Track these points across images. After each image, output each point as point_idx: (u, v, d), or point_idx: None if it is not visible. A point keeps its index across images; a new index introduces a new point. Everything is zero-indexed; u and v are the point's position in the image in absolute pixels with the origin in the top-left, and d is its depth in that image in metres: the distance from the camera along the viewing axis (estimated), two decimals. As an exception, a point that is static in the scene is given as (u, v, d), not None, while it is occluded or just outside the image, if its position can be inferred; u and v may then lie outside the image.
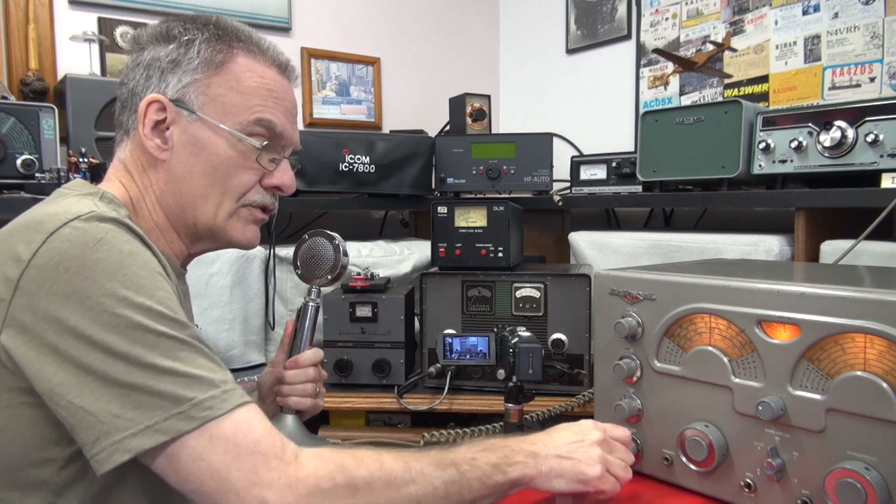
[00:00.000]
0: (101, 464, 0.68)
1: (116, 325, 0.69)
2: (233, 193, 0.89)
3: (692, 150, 1.64)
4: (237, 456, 0.70)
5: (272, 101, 0.90)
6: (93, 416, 0.68)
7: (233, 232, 0.91)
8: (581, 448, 0.86)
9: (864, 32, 1.73)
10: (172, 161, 0.87)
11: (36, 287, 0.69)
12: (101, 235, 0.73)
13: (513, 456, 0.84)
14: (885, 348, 0.72)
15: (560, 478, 0.84)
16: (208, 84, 0.86)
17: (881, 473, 0.71)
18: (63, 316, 0.69)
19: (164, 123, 0.86)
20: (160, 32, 0.88)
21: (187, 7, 2.18)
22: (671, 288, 0.91)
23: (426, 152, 2.05)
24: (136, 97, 0.87)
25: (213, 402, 0.71)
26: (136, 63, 0.88)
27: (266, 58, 0.91)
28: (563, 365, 1.46)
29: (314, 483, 0.72)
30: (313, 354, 1.10)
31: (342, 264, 1.08)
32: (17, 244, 0.72)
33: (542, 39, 2.71)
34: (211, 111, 0.86)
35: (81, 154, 1.61)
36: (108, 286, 0.70)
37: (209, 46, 0.87)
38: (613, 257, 1.75)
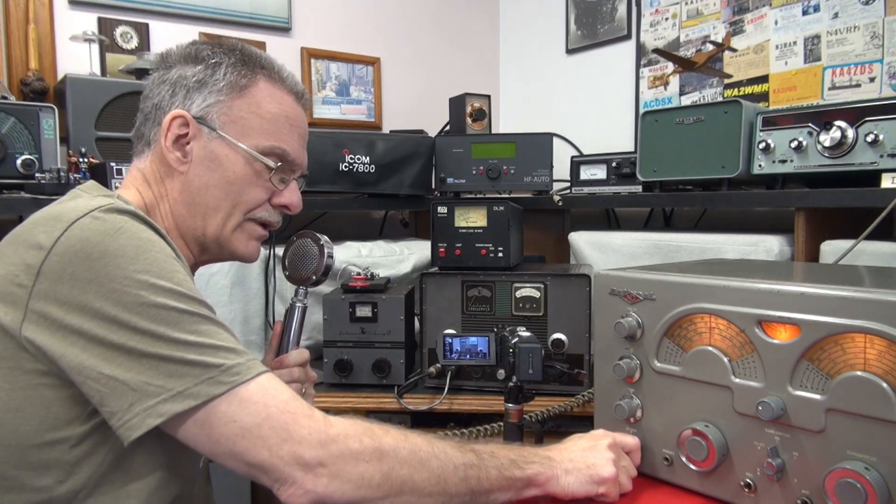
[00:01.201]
0: (132, 429, 0.72)
1: (139, 306, 0.73)
2: (242, 207, 0.95)
3: (692, 150, 1.64)
4: (268, 416, 0.74)
5: (288, 128, 0.96)
6: (125, 384, 0.72)
7: (237, 244, 0.96)
8: (593, 452, 0.88)
9: (864, 32, 1.73)
10: (190, 174, 0.92)
11: (57, 273, 0.73)
12: (121, 224, 0.77)
13: (529, 456, 0.86)
14: (885, 348, 0.72)
15: (575, 479, 0.85)
16: (231, 106, 0.92)
17: (881, 473, 0.71)
18: (86, 300, 0.72)
19: (185, 138, 0.92)
20: (189, 53, 0.94)
21: (187, 7, 2.18)
22: (671, 288, 0.91)
23: (426, 152, 2.05)
24: (160, 111, 0.93)
25: (240, 369, 0.75)
26: (162, 79, 0.94)
27: (285, 86, 0.98)
28: (563, 365, 1.46)
29: (344, 442, 0.75)
30: (298, 355, 1.11)
31: (326, 265, 1.09)
32: (38, 234, 0.75)
33: (542, 39, 2.71)
34: (231, 131, 0.92)
35: (81, 154, 1.61)
36: (129, 270, 0.74)
37: (235, 71, 0.93)
38: (613, 257, 1.75)
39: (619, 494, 0.88)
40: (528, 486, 0.84)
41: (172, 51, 0.96)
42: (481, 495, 0.81)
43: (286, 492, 0.74)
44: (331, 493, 0.74)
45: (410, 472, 0.77)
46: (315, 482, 0.74)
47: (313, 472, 0.74)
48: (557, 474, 0.85)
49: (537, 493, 0.85)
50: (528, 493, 0.84)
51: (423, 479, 0.77)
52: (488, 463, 0.82)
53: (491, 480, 0.81)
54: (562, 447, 0.90)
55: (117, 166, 1.61)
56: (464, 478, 0.79)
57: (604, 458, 0.87)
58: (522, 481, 0.83)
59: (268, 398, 0.75)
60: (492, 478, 0.81)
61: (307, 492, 0.74)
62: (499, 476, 0.81)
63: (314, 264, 1.10)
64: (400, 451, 0.78)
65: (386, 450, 0.77)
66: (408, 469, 0.77)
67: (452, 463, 0.80)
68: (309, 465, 0.74)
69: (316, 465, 0.74)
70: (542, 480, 0.84)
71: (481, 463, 0.81)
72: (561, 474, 0.85)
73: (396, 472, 0.76)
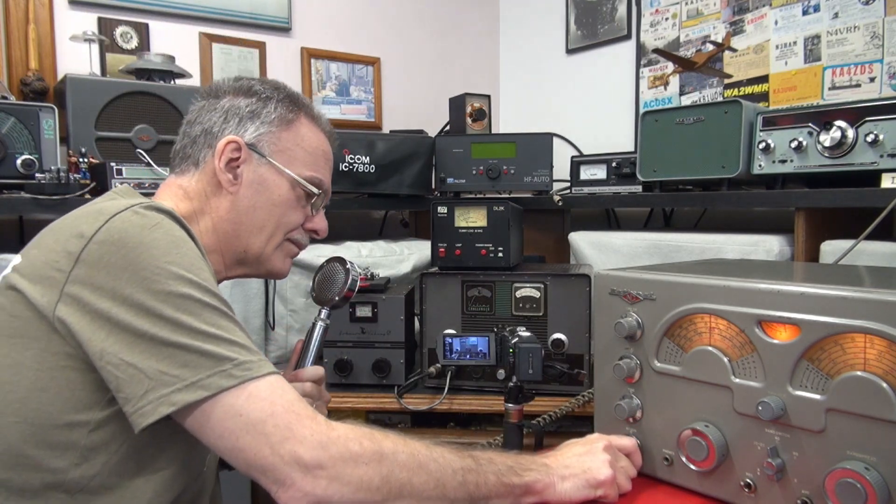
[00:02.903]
0: (144, 416, 0.74)
1: (167, 295, 0.76)
2: (284, 229, 1.04)
3: (692, 150, 1.64)
4: (273, 413, 0.75)
5: (324, 161, 1.08)
6: (142, 372, 0.75)
7: (275, 261, 1.05)
8: (589, 456, 0.89)
9: (864, 32, 1.73)
10: (239, 195, 0.99)
11: (95, 260, 0.77)
12: (158, 220, 0.82)
13: (527, 463, 0.86)
14: (885, 348, 0.72)
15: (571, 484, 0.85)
16: (279, 136, 1.01)
17: (881, 473, 0.71)
18: (118, 286, 0.76)
19: (236, 161, 0.99)
20: (240, 87, 1.03)
21: (187, 7, 2.18)
22: (671, 288, 0.91)
23: (426, 152, 2.05)
24: (211, 136, 1.00)
25: (252, 365, 0.77)
26: (212, 107, 1.02)
27: (321, 124, 1.09)
28: (563, 365, 1.46)
29: (344, 444, 0.76)
30: (314, 371, 1.13)
31: (349, 288, 1.16)
32: (81, 225, 0.81)
33: (542, 39, 2.71)
34: (279, 158, 1.01)
35: (81, 154, 1.61)
36: (161, 261, 0.78)
37: (283, 106, 1.02)
38: (613, 257, 1.75)
39: (618, 495, 0.88)
40: (526, 493, 0.84)
41: (221, 83, 1.05)
42: (479, 501, 0.81)
43: (285, 494, 0.74)
44: (329, 495, 0.74)
45: (409, 475, 0.77)
46: (314, 484, 0.74)
47: (312, 473, 0.74)
48: (554, 481, 0.85)
49: (535, 501, 0.85)
50: (526, 501, 0.84)
51: (422, 483, 0.78)
52: (486, 469, 0.82)
53: (489, 486, 0.81)
54: (558, 454, 0.91)
55: (117, 166, 1.61)
56: (462, 482, 0.79)
57: (600, 461, 0.88)
58: (520, 488, 0.83)
59: (275, 396, 0.77)
60: (490, 483, 0.81)
61: (306, 494, 0.74)
62: (497, 482, 0.82)
63: (338, 286, 1.16)
64: (399, 454, 0.78)
65: (385, 453, 0.77)
66: (407, 472, 0.77)
67: (451, 467, 0.80)
68: (308, 466, 0.74)
69: (315, 467, 0.74)
70: (539, 488, 0.84)
71: (479, 468, 0.82)
72: (557, 481, 0.85)
73: (395, 475, 0.77)
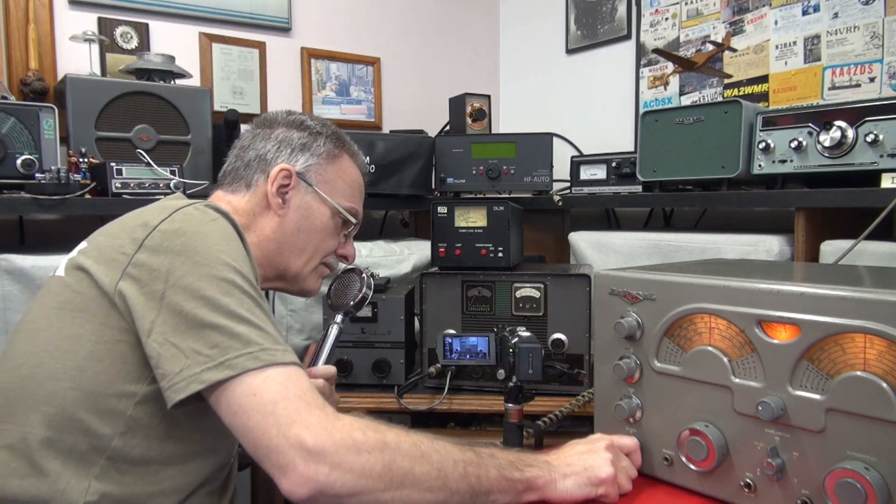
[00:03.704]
0: (177, 392, 0.79)
1: (212, 278, 0.83)
2: (321, 252, 1.14)
3: (692, 150, 1.64)
4: (285, 397, 0.78)
5: (359, 195, 1.19)
6: (180, 351, 0.81)
7: (310, 281, 1.15)
8: (591, 455, 0.89)
9: (863, 32, 1.73)
10: (286, 218, 1.09)
11: (157, 245, 0.86)
12: (216, 217, 0.91)
13: (528, 460, 0.87)
14: (885, 348, 0.72)
15: (573, 482, 0.85)
16: (325, 169, 1.12)
17: (881, 473, 0.71)
18: (173, 268, 0.84)
19: (286, 188, 1.09)
20: (294, 120, 1.14)
21: (187, 7, 2.18)
22: (671, 288, 0.91)
23: (426, 152, 2.05)
24: (265, 162, 1.10)
25: (276, 352, 0.82)
26: (266, 136, 1.12)
27: (359, 160, 1.20)
28: (563, 365, 1.46)
29: (348, 432, 0.78)
30: (326, 369, 1.17)
31: (363, 295, 1.25)
32: (147, 216, 0.90)
33: (542, 39, 2.71)
34: (324, 188, 1.12)
35: (81, 154, 1.61)
36: (213, 249, 0.86)
37: (330, 141, 1.14)
38: (613, 257, 1.75)
39: (618, 495, 0.88)
40: (527, 489, 0.84)
41: (276, 115, 1.15)
42: (481, 495, 0.81)
43: (287, 480, 0.75)
44: (332, 482, 0.75)
45: (411, 464, 0.78)
46: (316, 470, 0.75)
47: (315, 459, 0.75)
48: (555, 479, 0.85)
49: (536, 498, 0.85)
50: (527, 496, 0.84)
51: (424, 473, 0.78)
52: (488, 462, 0.83)
53: (490, 479, 0.81)
54: (559, 452, 0.91)
55: (117, 166, 1.61)
56: (464, 474, 0.80)
57: (601, 460, 0.88)
58: (522, 483, 0.83)
59: (289, 383, 0.80)
60: (491, 477, 0.81)
61: (308, 480, 0.75)
62: (498, 476, 0.82)
63: (353, 292, 1.25)
64: (402, 444, 0.79)
65: (388, 442, 0.79)
66: (409, 462, 0.78)
67: (452, 459, 0.81)
68: (311, 451, 0.75)
69: (318, 453, 0.75)
70: (540, 484, 0.84)
71: (481, 461, 0.82)
72: (559, 479, 0.85)
73: (398, 463, 0.78)
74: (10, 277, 1.42)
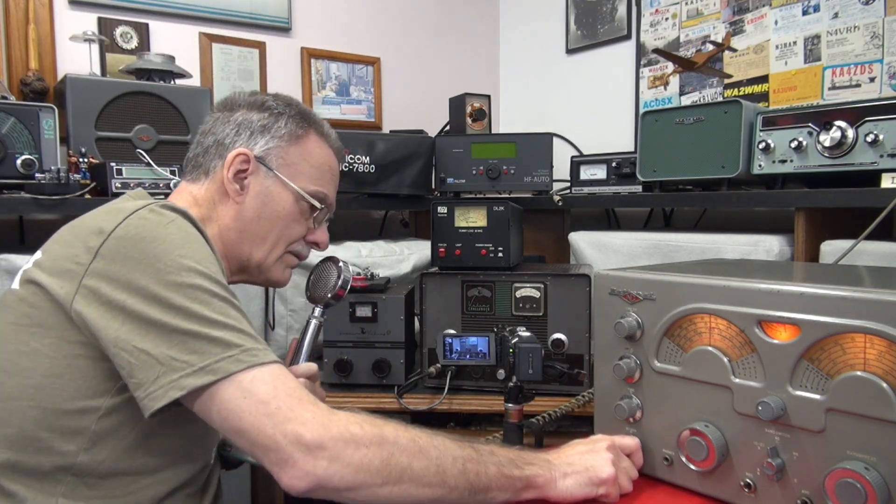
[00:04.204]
0: (155, 400, 0.77)
1: (178, 285, 0.80)
2: (285, 240, 1.07)
3: (692, 150, 1.64)
4: (276, 396, 0.78)
5: (329, 177, 1.11)
6: (154, 358, 0.78)
7: (275, 272, 1.09)
8: (592, 455, 0.89)
9: (863, 32, 1.73)
10: (244, 205, 1.03)
11: (112, 253, 0.82)
12: (174, 218, 0.87)
13: (528, 458, 0.86)
14: (885, 348, 0.72)
15: (573, 481, 0.85)
16: (287, 151, 1.05)
17: (881, 473, 0.71)
18: (133, 277, 0.80)
19: (244, 173, 1.03)
20: (254, 101, 1.07)
21: (187, 7, 2.18)
22: (671, 288, 0.91)
23: (426, 152, 2.05)
24: (223, 147, 1.04)
25: (258, 353, 0.80)
26: (226, 119, 1.06)
27: (330, 141, 1.12)
28: (563, 365, 1.46)
29: (345, 426, 0.78)
30: (307, 368, 1.14)
31: (341, 287, 1.18)
32: (100, 222, 0.85)
33: (542, 39, 2.71)
34: (285, 172, 1.05)
35: (81, 154, 1.61)
36: (174, 254, 0.82)
37: (294, 122, 1.06)
38: (613, 257, 1.75)
39: (619, 495, 0.88)
40: (527, 487, 0.84)
41: (236, 96, 1.09)
42: (480, 492, 0.81)
43: (286, 474, 0.76)
44: (330, 475, 0.75)
45: (410, 459, 0.78)
46: (315, 464, 0.75)
47: (313, 454, 0.75)
48: (555, 477, 0.85)
49: (535, 496, 0.85)
50: (526, 495, 0.84)
51: (423, 468, 0.78)
52: (487, 459, 0.82)
53: (489, 477, 0.81)
54: (560, 451, 0.91)
55: (117, 166, 1.61)
56: (462, 470, 0.80)
57: (602, 460, 0.88)
58: (521, 481, 0.83)
59: (278, 382, 0.79)
60: (490, 474, 0.81)
61: (307, 473, 0.75)
62: (497, 473, 0.82)
63: (331, 284, 1.18)
64: (400, 438, 0.80)
65: (386, 436, 0.79)
66: (407, 457, 0.78)
67: (451, 455, 0.81)
68: (310, 446, 0.75)
69: (316, 448, 0.75)
70: (540, 482, 0.84)
71: (480, 458, 0.82)
72: (559, 477, 0.85)
73: (396, 458, 0.78)
74: (10, 277, 1.42)
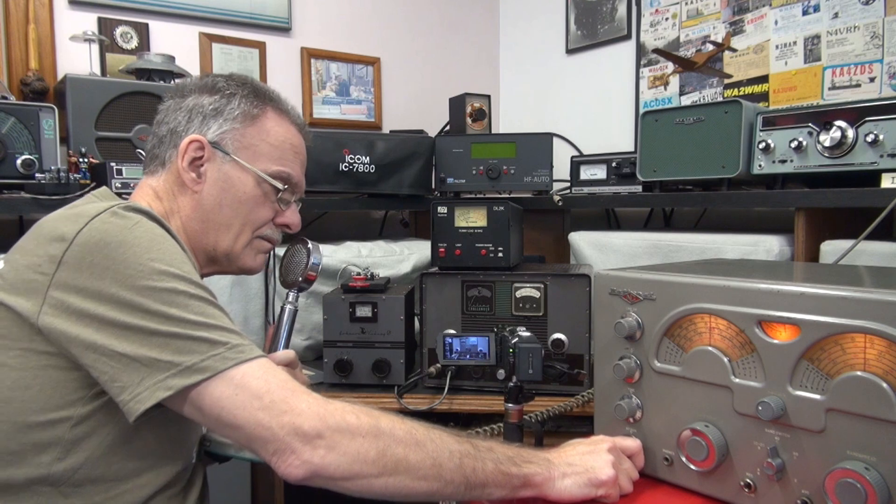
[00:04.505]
0: (142, 402, 0.76)
1: (151, 290, 0.78)
2: (251, 225, 1.03)
3: (692, 150, 1.64)
4: (269, 389, 0.78)
5: (292, 155, 1.06)
6: (137, 360, 0.77)
7: (246, 259, 1.05)
8: (593, 456, 0.89)
9: (864, 32, 1.73)
10: (203, 193, 0.99)
11: (77, 262, 0.79)
12: (138, 220, 0.84)
13: (527, 456, 0.86)
14: (885, 348, 0.72)
15: (572, 481, 0.85)
16: (244, 133, 1.01)
17: (881, 473, 0.71)
18: (102, 286, 0.78)
19: (200, 160, 0.99)
20: (205, 84, 1.03)
21: (187, 7, 2.18)
22: (671, 288, 0.91)
23: (426, 152, 2.05)
24: (176, 135, 1.00)
25: (244, 349, 0.80)
26: (177, 107, 1.02)
27: (290, 117, 1.07)
28: (563, 365, 1.46)
29: (342, 416, 0.78)
30: (284, 355, 1.13)
31: (311, 270, 1.15)
32: (61, 228, 0.81)
33: (542, 39, 2.71)
34: (243, 155, 1.01)
35: (81, 154, 1.61)
36: (143, 258, 0.80)
37: (247, 101, 1.02)
38: (613, 257, 1.75)
39: (619, 496, 0.88)
40: (525, 485, 0.84)
41: (188, 81, 1.04)
42: (476, 487, 0.81)
43: (283, 462, 0.76)
44: (326, 464, 0.76)
45: (406, 451, 0.79)
46: (312, 453, 0.76)
47: (311, 443, 0.76)
48: (554, 477, 0.85)
49: (533, 495, 0.85)
50: (524, 493, 0.84)
51: (419, 460, 0.79)
52: (485, 455, 0.82)
53: (486, 473, 0.81)
54: (561, 451, 0.90)
55: (117, 166, 1.61)
56: (459, 465, 0.80)
57: (603, 461, 0.87)
58: (519, 479, 0.83)
59: (268, 375, 0.79)
60: (487, 470, 0.81)
61: (304, 462, 0.76)
62: (495, 470, 0.82)
63: (301, 267, 1.16)
64: (396, 430, 0.80)
65: (383, 428, 0.79)
66: (403, 448, 0.79)
67: (448, 449, 0.81)
68: (307, 435, 0.76)
69: (314, 437, 0.76)
70: (538, 481, 0.84)
71: (477, 454, 0.82)
72: (558, 477, 0.85)
73: (392, 449, 0.78)
74: (10, 277, 1.42)
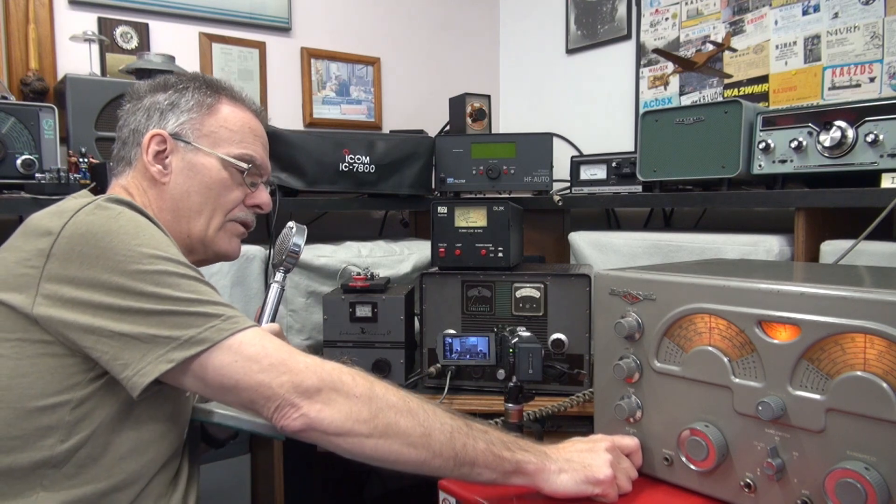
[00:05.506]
0: (145, 376, 0.80)
1: (143, 274, 0.82)
2: (223, 209, 1.06)
3: (692, 150, 1.64)
4: (266, 353, 0.82)
5: (252, 137, 1.10)
6: (136, 338, 0.80)
7: (220, 243, 1.08)
8: (591, 454, 0.89)
9: (863, 32, 1.73)
10: (171, 183, 1.03)
11: (66, 253, 0.81)
12: (121, 210, 0.87)
13: (523, 444, 0.87)
14: (885, 348, 0.72)
15: (569, 476, 0.85)
16: (202, 122, 1.05)
17: (881, 473, 0.71)
18: (93, 274, 0.81)
19: (164, 153, 1.03)
20: (158, 83, 1.07)
21: (187, 7, 2.18)
22: (671, 288, 0.91)
23: (426, 152, 2.05)
24: (138, 134, 1.04)
25: (238, 320, 0.84)
26: (135, 108, 1.06)
27: (244, 104, 1.11)
28: (563, 365, 1.46)
29: (338, 374, 0.83)
30: (269, 327, 1.14)
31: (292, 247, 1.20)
32: (47, 223, 0.84)
33: (542, 39, 2.71)
34: (205, 142, 1.05)
35: (81, 154, 1.61)
36: (131, 245, 0.83)
37: (200, 92, 1.06)
38: (613, 257, 1.75)
39: (617, 495, 0.88)
40: (516, 471, 0.84)
41: (142, 84, 1.09)
42: (465, 465, 0.82)
43: (283, 416, 0.80)
44: (322, 418, 0.80)
45: (398, 416, 0.82)
46: (309, 406, 0.80)
47: (310, 398, 0.80)
48: (550, 469, 0.85)
49: (525, 483, 0.85)
50: (516, 479, 0.85)
51: (409, 427, 0.81)
52: (477, 435, 0.84)
53: (476, 451, 0.82)
54: (560, 447, 0.91)
55: (117, 166, 1.61)
56: (450, 438, 0.82)
57: (601, 460, 0.88)
58: (510, 464, 0.83)
59: (265, 341, 0.83)
60: (478, 449, 0.82)
61: (302, 415, 0.80)
62: (486, 450, 0.83)
63: (284, 249, 1.21)
64: (390, 396, 0.83)
65: (377, 391, 0.83)
66: (395, 413, 0.82)
67: (440, 420, 0.83)
68: (308, 391, 0.80)
69: (313, 392, 0.80)
70: (530, 470, 0.84)
71: (470, 432, 0.84)
72: (554, 471, 0.85)
73: (384, 413, 0.81)
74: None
